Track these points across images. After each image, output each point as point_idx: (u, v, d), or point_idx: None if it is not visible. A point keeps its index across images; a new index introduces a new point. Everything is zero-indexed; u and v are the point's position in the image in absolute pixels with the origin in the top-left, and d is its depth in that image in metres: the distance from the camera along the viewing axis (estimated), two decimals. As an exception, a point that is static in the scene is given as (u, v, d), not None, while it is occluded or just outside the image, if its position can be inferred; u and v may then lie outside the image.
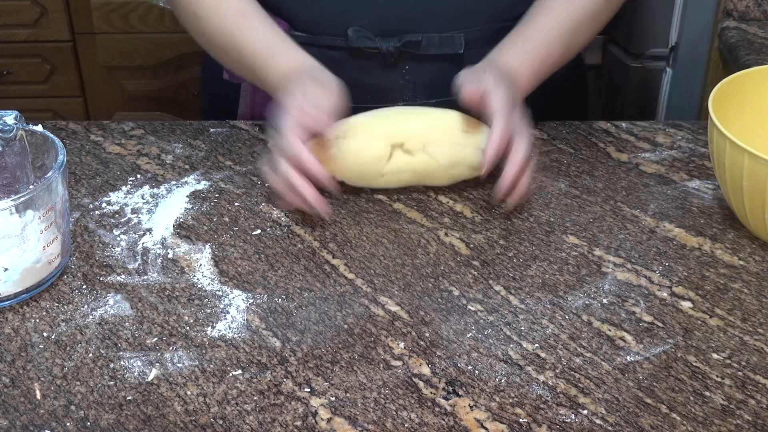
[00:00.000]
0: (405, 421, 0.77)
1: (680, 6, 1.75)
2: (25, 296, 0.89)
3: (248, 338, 0.85)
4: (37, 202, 0.87)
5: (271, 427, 0.77)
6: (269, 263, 0.94)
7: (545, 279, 0.92)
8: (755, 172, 0.90)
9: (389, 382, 0.81)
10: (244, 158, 1.10)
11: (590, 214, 1.01)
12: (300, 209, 0.99)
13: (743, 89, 1.02)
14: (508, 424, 0.77)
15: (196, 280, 0.92)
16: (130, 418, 0.78)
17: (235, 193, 1.04)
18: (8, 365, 0.83)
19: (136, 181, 1.06)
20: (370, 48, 1.13)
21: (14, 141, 0.90)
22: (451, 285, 0.91)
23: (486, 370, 0.82)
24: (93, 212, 1.01)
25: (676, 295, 0.90)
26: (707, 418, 0.78)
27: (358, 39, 1.13)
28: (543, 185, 1.05)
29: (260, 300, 0.90)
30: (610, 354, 0.84)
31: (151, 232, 0.98)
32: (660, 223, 1.00)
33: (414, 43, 1.13)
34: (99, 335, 0.86)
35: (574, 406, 0.79)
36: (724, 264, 0.94)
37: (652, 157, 1.10)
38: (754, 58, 1.48)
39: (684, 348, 0.84)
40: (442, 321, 0.87)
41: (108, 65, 2.33)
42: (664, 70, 1.82)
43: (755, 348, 0.84)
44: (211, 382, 0.81)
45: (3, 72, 2.31)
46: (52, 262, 0.90)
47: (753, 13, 1.62)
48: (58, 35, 2.28)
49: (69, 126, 1.16)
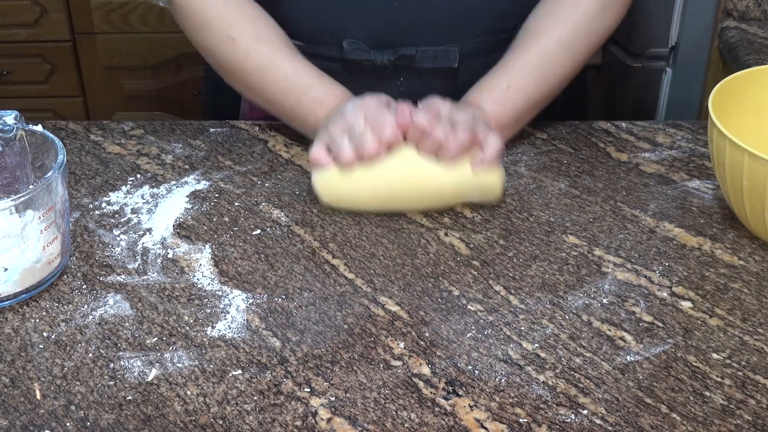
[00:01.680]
0: (405, 421, 0.77)
1: (680, 6, 1.75)
2: (25, 296, 0.89)
3: (248, 338, 0.85)
4: (37, 202, 0.87)
5: (271, 427, 0.77)
6: (269, 263, 0.94)
7: (545, 279, 0.92)
8: (755, 172, 0.90)
9: (389, 382, 0.81)
10: (244, 158, 1.10)
11: (590, 214, 1.01)
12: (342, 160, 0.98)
13: (743, 89, 1.02)
14: (508, 424, 0.77)
15: (196, 280, 0.92)
16: (130, 418, 0.78)
17: (235, 193, 1.04)
18: (8, 365, 0.83)
19: (136, 181, 1.06)
20: (364, 60, 1.14)
21: (14, 141, 0.90)
22: (451, 285, 0.91)
23: (486, 370, 0.82)
24: (93, 212, 1.01)
25: (676, 295, 0.90)
26: (707, 418, 0.78)
27: (353, 51, 1.14)
28: (543, 185, 1.05)
29: (260, 300, 0.90)
30: (610, 354, 0.84)
31: (151, 232, 0.98)
32: (660, 223, 1.00)
33: (408, 57, 1.14)
34: (99, 335, 0.86)
35: (574, 406, 0.79)
36: (724, 264, 0.94)
37: (652, 157, 1.10)
38: (754, 58, 1.48)
39: (684, 348, 0.84)
40: (442, 321, 0.87)
41: (108, 65, 2.33)
42: (664, 70, 1.82)
43: (755, 348, 0.84)
44: (211, 382, 0.81)
45: (3, 72, 2.32)
46: (52, 262, 0.90)
47: (753, 13, 1.62)
48: (58, 35, 2.28)
49: (69, 126, 1.16)
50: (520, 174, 1.07)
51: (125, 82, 2.36)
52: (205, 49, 1.13)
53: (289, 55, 1.09)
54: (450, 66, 1.15)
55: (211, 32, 1.11)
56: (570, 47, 1.09)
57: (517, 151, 1.11)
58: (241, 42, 1.09)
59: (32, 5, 2.23)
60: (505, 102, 1.07)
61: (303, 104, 1.07)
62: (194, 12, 1.12)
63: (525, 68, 1.08)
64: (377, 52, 1.14)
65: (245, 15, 1.11)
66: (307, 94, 1.07)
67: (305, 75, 1.08)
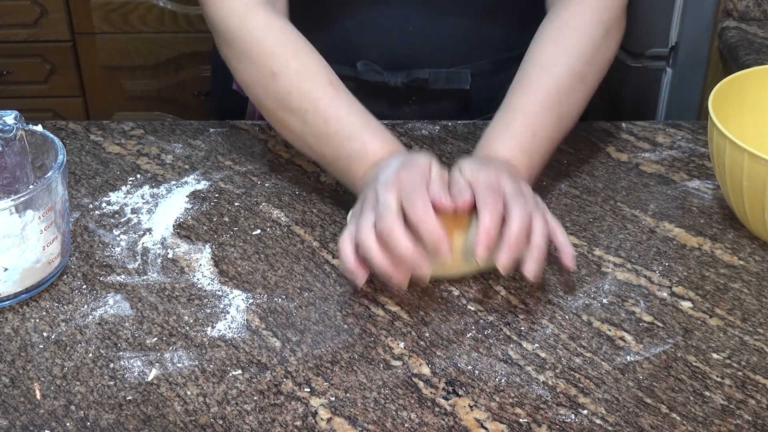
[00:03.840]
0: (405, 421, 0.77)
1: (680, 6, 1.75)
2: (25, 296, 0.89)
3: (248, 338, 0.85)
4: (37, 202, 0.87)
5: (271, 427, 0.77)
6: (269, 263, 0.94)
7: (545, 279, 0.92)
8: (755, 172, 0.90)
9: (389, 382, 0.81)
10: (244, 158, 1.10)
11: (590, 214, 1.01)
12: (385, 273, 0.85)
13: (743, 89, 1.02)
14: (508, 424, 0.77)
15: (196, 280, 0.92)
16: (130, 418, 0.78)
17: (235, 193, 1.04)
18: (8, 365, 0.83)
19: (136, 181, 1.06)
20: (378, 82, 1.15)
21: (14, 141, 0.90)
22: (451, 285, 0.91)
23: (486, 370, 0.82)
24: (93, 212, 1.01)
25: (676, 295, 0.90)
26: (707, 418, 0.78)
27: (367, 72, 1.15)
28: (543, 185, 1.05)
29: (260, 300, 0.90)
30: (610, 354, 0.84)
31: (151, 232, 0.98)
32: (660, 223, 1.00)
33: (422, 80, 1.15)
34: (99, 335, 0.86)
35: (574, 406, 0.79)
36: (724, 264, 0.94)
37: (652, 157, 1.10)
38: (754, 58, 1.48)
39: (684, 348, 0.84)
40: (442, 321, 0.87)
41: (108, 65, 2.33)
42: (664, 70, 1.82)
43: (755, 348, 0.84)
44: (211, 382, 0.81)
45: (3, 72, 2.31)
46: (52, 262, 0.90)
47: (753, 13, 1.62)
48: (58, 35, 2.28)
49: (69, 126, 1.16)
50: (520, 174, 1.07)
51: (125, 82, 2.36)
52: (245, 83, 1.03)
53: (335, 97, 0.98)
54: (462, 88, 1.16)
55: (253, 64, 1.01)
56: (582, 79, 1.01)
57: (517, 151, 1.11)
58: (283, 77, 0.99)
59: (32, 5, 2.23)
60: (534, 152, 0.97)
61: (340, 158, 0.96)
62: (238, 39, 1.02)
63: (545, 111, 0.98)
64: (390, 74, 1.15)
65: (291, 47, 1.01)
66: (344, 146, 0.96)
67: (346, 122, 0.97)
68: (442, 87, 1.16)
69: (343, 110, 0.97)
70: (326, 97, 0.97)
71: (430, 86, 1.16)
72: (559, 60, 1.01)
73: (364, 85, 1.15)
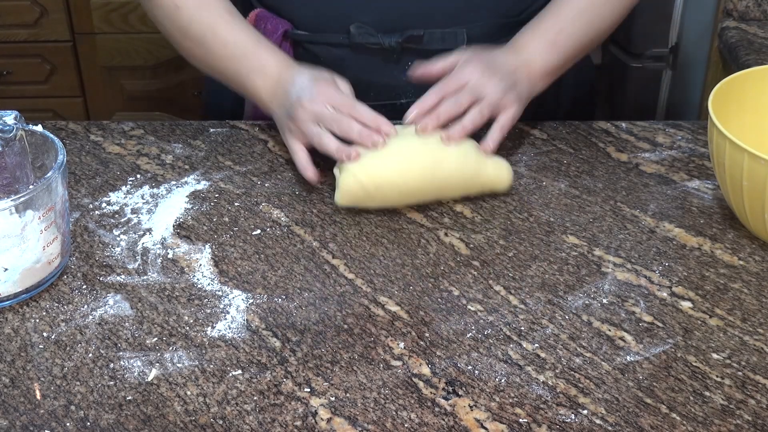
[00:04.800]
0: (405, 421, 0.77)
1: (680, 6, 1.76)
2: (25, 296, 0.89)
3: (248, 338, 0.85)
4: (37, 202, 0.87)
5: (271, 427, 0.77)
6: (269, 263, 0.94)
7: (545, 279, 0.92)
8: (755, 172, 0.90)
9: (389, 382, 0.81)
10: (244, 158, 1.10)
11: (590, 214, 1.01)
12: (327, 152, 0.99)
13: (743, 89, 1.02)
14: (508, 424, 0.77)
15: (196, 280, 0.92)
16: (130, 418, 0.78)
17: (235, 193, 1.04)
18: (8, 365, 0.83)
19: (136, 181, 1.06)
20: (372, 44, 1.14)
21: (14, 141, 0.90)
22: (451, 285, 0.91)
23: (486, 370, 0.82)
24: (93, 212, 1.01)
25: (676, 295, 0.90)
26: (707, 418, 0.78)
27: (361, 35, 1.13)
28: (543, 185, 1.05)
29: (260, 300, 0.90)
30: (610, 354, 0.84)
31: (151, 232, 0.98)
32: (660, 223, 1.00)
33: (416, 38, 1.13)
34: (99, 335, 0.86)
35: (574, 406, 0.79)
36: (724, 264, 0.94)
37: (652, 157, 1.10)
38: (754, 58, 1.48)
39: (684, 348, 0.84)
40: (442, 321, 0.87)
41: (108, 65, 2.33)
42: (664, 70, 1.83)
43: (755, 348, 0.84)
44: (211, 382, 0.81)
45: (3, 72, 2.31)
46: (52, 262, 0.90)
47: (753, 13, 1.62)
48: (58, 35, 2.28)
49: (69, 126, 1.16)
50: (520, 174, 1.07)
51: (125, 82, 2.36)
52: (156, 19, 1.15)
53: (231, 23, 1.10)
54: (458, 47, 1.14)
55: (161, 1, 1.13)
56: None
57: (517, 151, 1.11)
58: (184, 9, 1.11)
59: (32, 5, 2.23)
60: (556, 48, 1.08)
61: (240, 74, 1.09)
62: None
63: (575, 12, 1.09)
64: (384, 35, 1.14)
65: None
66: (243, 64, 1.08)
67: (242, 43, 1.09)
68: (438, 47, 1.14)
69: (239, 34, 1.09)
70: (223, 22, 1.10)
71: (425, 46, 1.14)
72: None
73: (358, 50, 1.14)
